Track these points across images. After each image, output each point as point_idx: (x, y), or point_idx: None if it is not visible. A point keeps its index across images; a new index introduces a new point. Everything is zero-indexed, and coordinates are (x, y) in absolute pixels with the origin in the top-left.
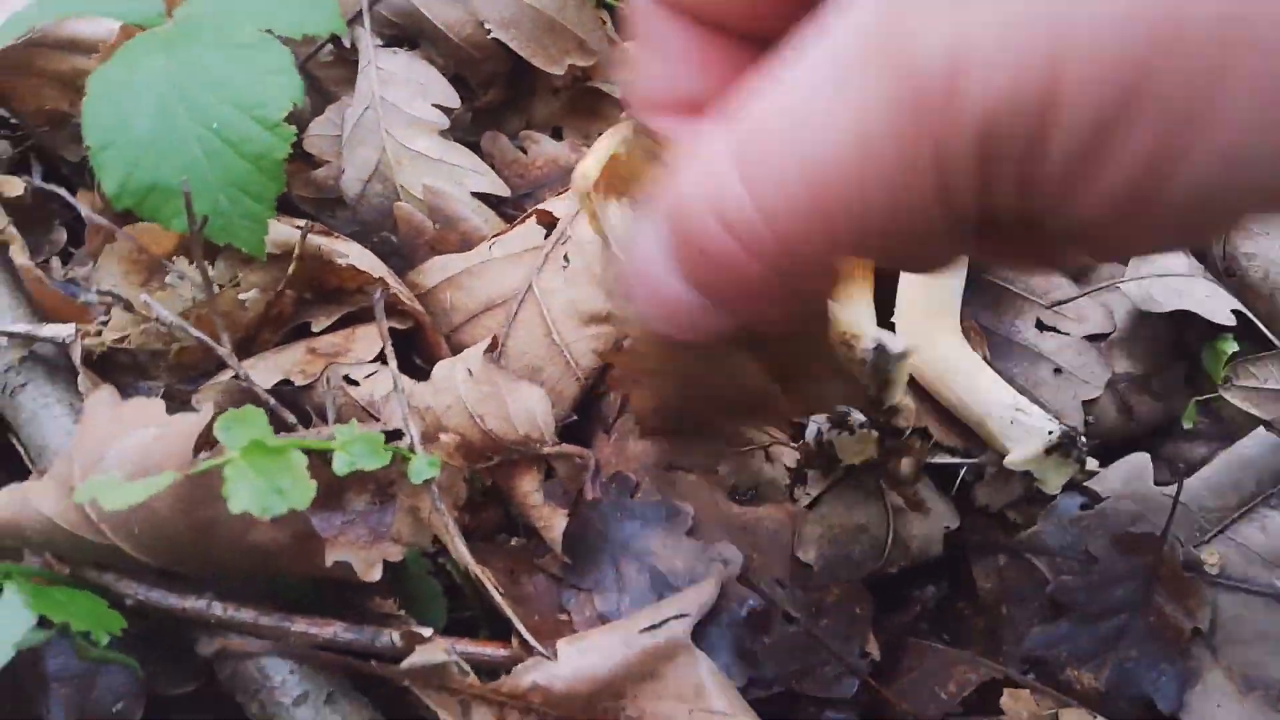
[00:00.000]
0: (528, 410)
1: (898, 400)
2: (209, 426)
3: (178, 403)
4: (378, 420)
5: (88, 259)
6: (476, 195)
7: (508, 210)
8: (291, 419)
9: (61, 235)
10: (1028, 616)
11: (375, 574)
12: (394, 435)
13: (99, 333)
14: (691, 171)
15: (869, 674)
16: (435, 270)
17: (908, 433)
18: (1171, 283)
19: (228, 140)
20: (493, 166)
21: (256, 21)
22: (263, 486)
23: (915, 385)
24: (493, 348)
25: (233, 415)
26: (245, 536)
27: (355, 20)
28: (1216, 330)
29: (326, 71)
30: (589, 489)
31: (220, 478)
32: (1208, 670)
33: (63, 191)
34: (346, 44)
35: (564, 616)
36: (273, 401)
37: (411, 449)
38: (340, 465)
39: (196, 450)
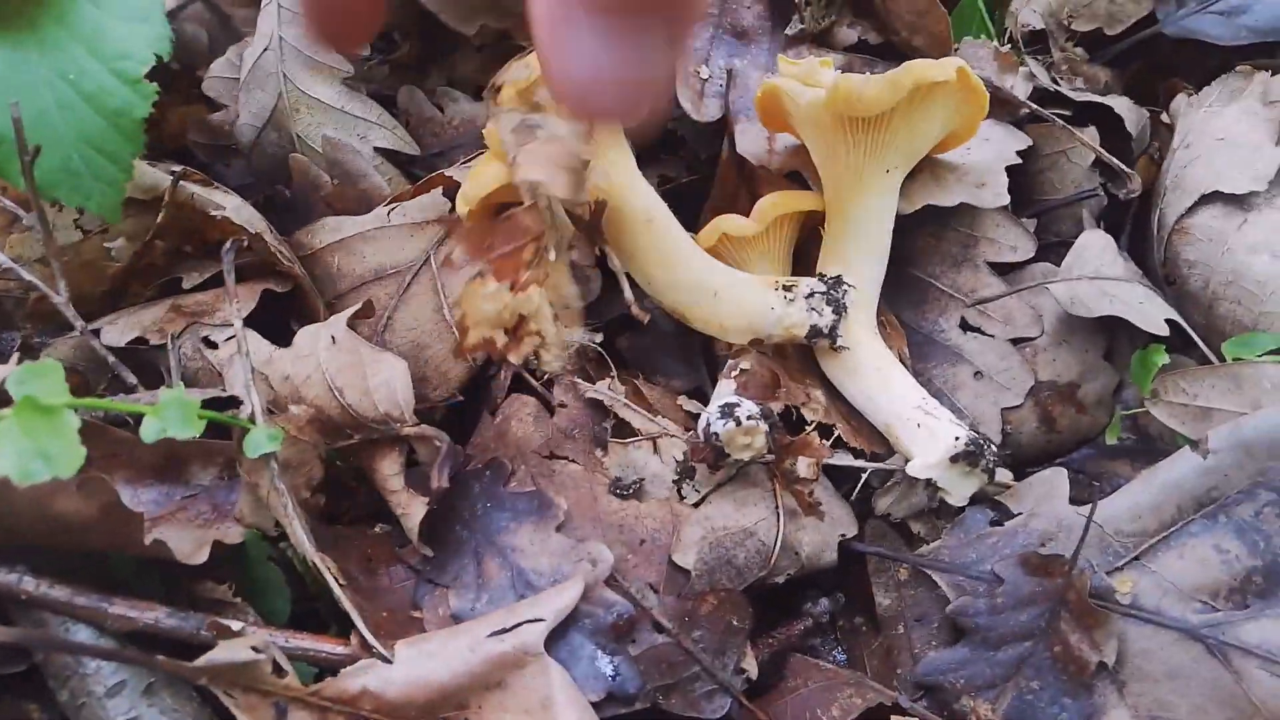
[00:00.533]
0: (388, 385)
1: (848, 340)
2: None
3: (34, 355)
4: None
5: None
6: (381, 151)
7: (417, 170)
8: (132, 380)
9: None
10: (927, 637)
11: (200, 557)
12: (233, 403)
13: None
14: None
15: (744, 692)
16: (325, 231)
17: (810, 428)
18: (1104, 286)
19: (84, 93)
20: (407, 123)
21: None
22: (27, 449)
23: (824, 379)
24: (366, 314)
25: (29, 369)
26: (46, 505)
27: None
28: (1149, 339)
29: (236, 8)
30: (436, 475)
31: None
32: (1112, 708)
33: None
34: None
35: (417, 614)
36: (112, 359)
37: (252, 419)
38: (149, 432)
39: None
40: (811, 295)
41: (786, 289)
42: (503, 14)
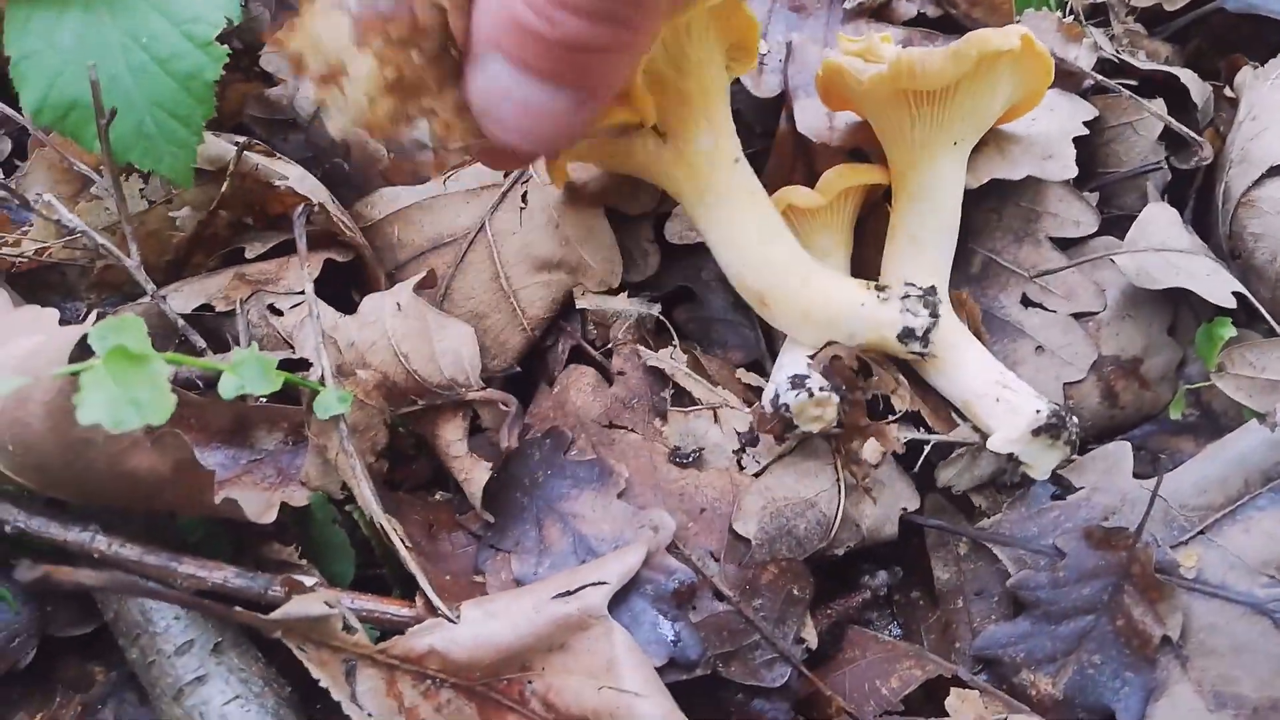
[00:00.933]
0: (454, 351)
1: (929, 348)
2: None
3: None
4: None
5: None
6: None
7: None
8: (201, 344)
9: (6, 145)
10: (986, 611)
11: (269, 517)
12: (304, 366)
13: (18, 242)
14: None
15: (804, 662)
16: (384, 202)
17: (896, 416)
18: (1170, 258)
19: (156, 56)
20: None
21: None
22: (118, 397)
23: (900, 362)
24: (429, 283)
25: (109, 323)
26: (122, 461)
27: None
28: (1214, 313)
29: None
30: (505, 436)
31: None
32: (1175, 683)
33: None
34: None
35: (480, 578)
36: (181, 324)
37: (322, 381)
38: (227, 388)
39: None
40: (906, 297)
41: (879, 289)
42: None
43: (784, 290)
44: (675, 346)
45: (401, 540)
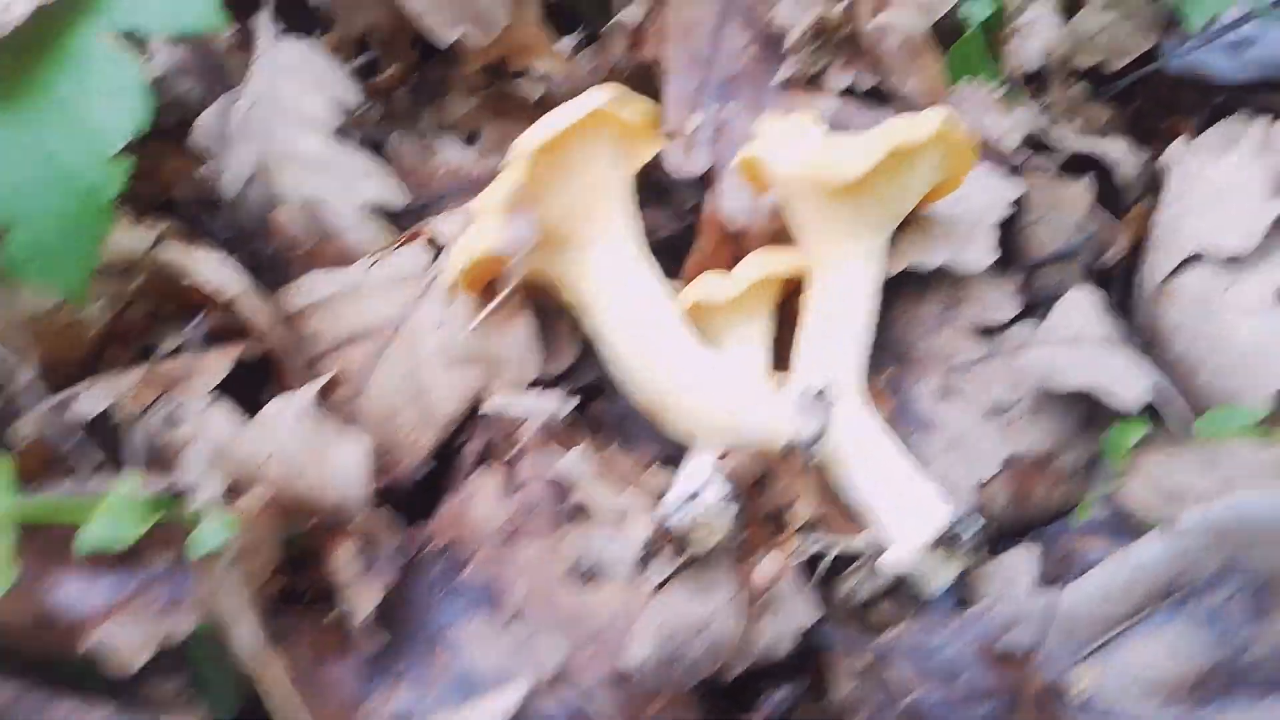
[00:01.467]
0: (344, 469)
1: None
2: None
3: (6, 423)
4: None
5: None
6: (369, 203)
7: (406, 222)
8: (99, 457)
9: None
10: None
11: (139, 661)
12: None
13: None
14: None
15: None
16: (304, 291)
17: (793, 529)
18: (1083, 352)
19: (59, 170)
20: (397, 170)
21: (118, 19)
22: None
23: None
24: (333, 387)
25: None
26: None
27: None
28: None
29: (229, 59)
30: (383, 572)
31: None
32: None
33: None
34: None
35: (364, 709)
36: (79, 437)
37: (200, 512)
38: (83, 544)
39: None
40: (802, 403)
41: (775, 391)
42: (485, 25)
43: (672, 402)
44: (582, 447)
45: (285, 678)
